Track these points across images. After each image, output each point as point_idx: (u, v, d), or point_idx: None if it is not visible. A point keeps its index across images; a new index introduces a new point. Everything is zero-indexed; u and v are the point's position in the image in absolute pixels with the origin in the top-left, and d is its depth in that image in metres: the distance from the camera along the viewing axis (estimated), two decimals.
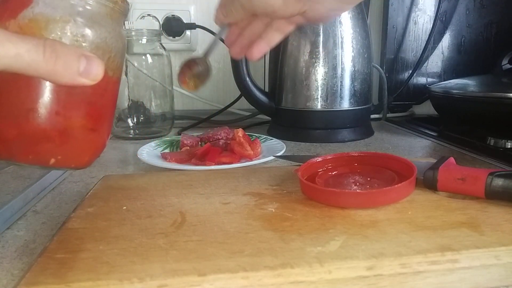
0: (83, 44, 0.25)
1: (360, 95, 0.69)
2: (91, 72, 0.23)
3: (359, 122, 0.71)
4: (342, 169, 0.39)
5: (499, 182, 0.31)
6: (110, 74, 0.27)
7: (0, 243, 0.31)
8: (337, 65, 0.66)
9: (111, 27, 0.27)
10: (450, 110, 0.75)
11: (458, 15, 0.94)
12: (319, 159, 0.39)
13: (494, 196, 0.31)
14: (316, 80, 0.66)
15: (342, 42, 0.66)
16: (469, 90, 0.70)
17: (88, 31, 0.25)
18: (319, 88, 0.66)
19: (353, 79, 0.67)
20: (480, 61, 0.95)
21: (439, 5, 0.88)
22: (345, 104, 0.68)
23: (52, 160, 0.26)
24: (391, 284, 0.23)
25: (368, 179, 0.36)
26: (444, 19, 0.93)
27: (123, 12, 0.28)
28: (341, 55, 0.66)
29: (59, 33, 0.24)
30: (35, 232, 0.33)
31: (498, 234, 0.26)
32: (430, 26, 0.92)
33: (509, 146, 0.59)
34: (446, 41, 0.95)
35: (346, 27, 0.66)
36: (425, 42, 0.91)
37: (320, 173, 0.38)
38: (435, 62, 0.95)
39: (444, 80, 0.91)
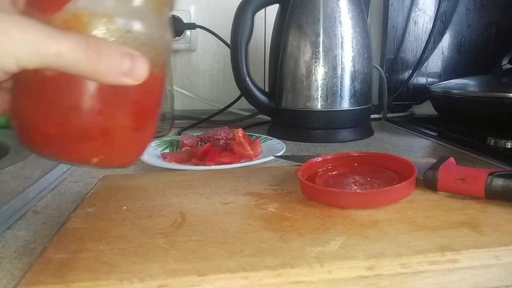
0: (128, 40, 0.24)
1: (360, 95, 0.69)
2: (135, 72, 0.22)
3: (359, 122, 0.71)
4: (342, 169, 0.39)
5: (499, 182, 0.31)
6: (155, 72, 0.25)
7: (0, 243, 0.31)
8: (337, 65, 0.66)
9: (157, 22, 0.26)
10: (450, 110, 0.75)
11: (458, 15, 0.94)
12: (319, 159, 0.39)
13: (494, 196, 0.31)
14: (316, 80, 0.66)
15: (342, 42, 0.66)
16: (469, 90, 0.70)
17: (133, 27, 0.24)
18: (319, 88, 0.66)
19: (353, 79, 0.67)
20: (480, 61, 0.95)
21: (439, 5, 0.88)
22: (345, 104, 0.68)
23: (95, 160, 0.25)
24: (391, 284, 0.23)
25: (368, 179, 0.36)
26: (444, 19, 0.93)
27: (170, 4, 0.27)
28: (341, 55, 0.66)
29: (102, 29, 0.23)
30: (35, 232, 0.33)
31: (498, 234, 0.26)
32: (430, 26, 0.92)
33: (509, 146, 0.59)
34: (446, 41, 0.95)
35: (346, 27, 0.66)
36: (425, 42, 0.91)
37: (320, 173, 0.38)
38: (435, 62, 0.95)
39: (444, 80, 0.91)
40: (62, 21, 0.22)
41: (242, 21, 0.66)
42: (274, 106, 0.71)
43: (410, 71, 0.93)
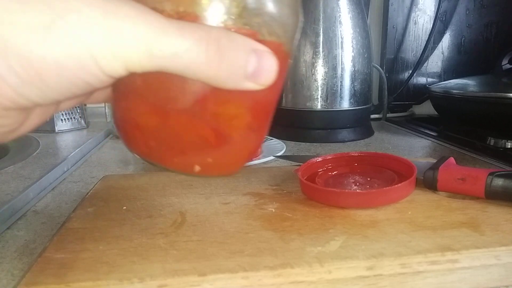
0: (255, 29, 0.19)
1: (360, 95, 0.69)
2: (261, 75, 0.19)
3: (359, 122, 0.71)
4: (342, 169, 0.39)
5: (499, 182, 0.31)
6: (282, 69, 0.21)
7: (0, 243, 0.31)
8: (337, 65, 0.66)
9: (293, 4, 0.21)
10: (450, 110, 0.75)
11: (458, 15, 0.94)
12: (319, 159, 0.39)
13: (494, 196, 0.31)
14: (316, 80, 0.66)
15: (342, 42, 0.66)
16: (469, 90, 0.70)
17: (265, 8, 0.19)
18: (319, 88, 0.66)
19: (353, 79, 0.67)
20: (480, 61, 0.95)
21: (439, 5, 0.88)
22: (345, 104, 0.68)
23: (197, 168, 0.22)
24: (391, 284, 0.23)
25: (368, 179, 0.36)
26: (444, 19, 0.93)
27: None
28: (341, 55, 0.66)
29: (225, 15, 0.18)
30: (35, 232, 0.33)
31: (498, 234, 0.26)
32: (430, 26, 0.92)
33: (509, 146, 0.59)
34: (446, 41, 0.95)
35: (346, 27, 0.66)
36: (425, 42, 0.91)
37: (320, 173, 0.38)
38: (435, 62, 0.95)
39: (444, 80, 0.91)
40: (176, 6, 0.18)
41: None
42: None
43: (410, 71, 0.93)
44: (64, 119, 0.74)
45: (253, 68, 0.18)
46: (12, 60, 0.16)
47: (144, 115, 0.21)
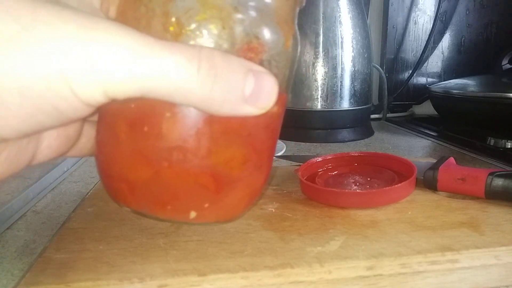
0: (252, 50, 0.18)
1: (360, 95, 0.69)
2: (260, 97, 0.16)
3: (359, 122, 0.71)
4: (342, 169, 0.39)
5: (499, 182, 0.31)
6: (282, 92, 0.19)
7: (0, 243, 0.31)
8: (337, 65, 0.66)
9: (289, 25, 0.19)
10: (450, 110, 0.75)
11: (458, 15, 0.94)
12: (319, 159, 0.39)
13: (494, 196, 0.31)
14: (316, 80, 0.66)
15: (342, 42, 0.66)
16: (469, 90, 0.70)
17: (261, 31, 0.18)
18: (319, 88, 0.66)
19: (353, 79, 0.67)
20: (480, 61, 0.95)
21: (439, 5, 0.88)
22: (345, 104, 0.68)
23: (194, 214, 0.20)
24: (391, 284, 0.23)
25: (368, 179, 0.36)
26: (444, 19, 0.93)
27: (301, 1, 0.20)
28: (341, 55, 0.66)
29: (218, 35, 0.17)
30: (35, 232, 0.33)
31: (498, 234, 0.26)
32: (430, 26, 0.92)
33: (509, 146, 0.59)
34: (446, 41, 0.95)
35: (346, 27, 0.66)
36: (425, 42, 0.91)
37: (320, 173, 0.38)
38: (435, 62, 0.95)
39: (444, 80, 0.91)
40: (164, 21, 0.17)
41: None
42: None
43: (410, 71, 0.93)
44: None
45: (252, 89, 0.16)
46: None
47: (131, 166, 0.19)
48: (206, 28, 0.17)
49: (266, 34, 0.18)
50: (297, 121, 0.69)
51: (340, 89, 0.67)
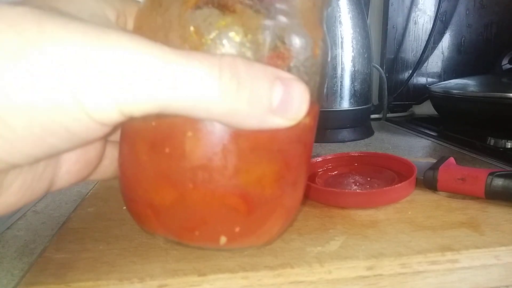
0: (280, 58, 0.16)
1: (360, 95, 0.69)
2: (290, 107, 0.15)
3: (359, 122, 0.71)
4: (342, 169, 0.39)
5: (499, 182, 0.31)
6: (314, 103, 0.18)
7: (0, 243, 0.31)
8: (337, 65, 0.66)
9: (317, 28, 0.19)
10: (450, 110, 0.75)
11: (458, 15, 0.93)
12: (319, 159, 0.39)
13: (494, 196, 0.31)
14: None
15: (342, 42, 0.66)
16: (469, 90, 0.70)
17: (291, 36, 0.17)
18: None
19: (353, 79, 0.67)
20: (480, 61, 0.95)
21: (439, 5, 0.88)
22: (345, 104, 0.68)
23: (224, 239, 0.18)
24: (391, 284, 0.23)
25: (368, 179, 0.36)
26: (444, 19, 0.93)
27: (329, 2, 0.19)
28: (341, 55, 0.66)
29: (243, 41, 0.16)
30: (35, 232, 0.33)
31: (498, 234, 0.26)
32: (430, 26, 0.92)
33: (509, 146, 0.59)
34: (446, 41, 0.95)
35: (346, 27, 0.66)
36: (425, 42, 0.91)
37: (320, 173, 0.38)
38: (435, 62, 0.95)
39: (444, 80, 0.91)
40: (183, 27, 0.16)
41: None
42: None
43: (410, 71, 0.93)
44: None
45: (280, 99, 0.15)
46: None
47: (154, 189, 0.18)
48: (227, 36, 0.15)
49: (293, 38, 0.17)
50: None
51: (340, 89, 0.67)
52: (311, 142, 0.20)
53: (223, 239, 0.18)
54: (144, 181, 0.18)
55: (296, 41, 0.17)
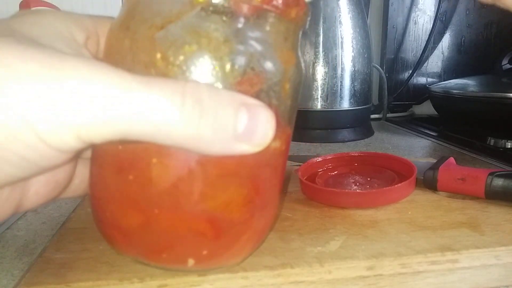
0: (252, 84, 0.16)
1: (360, 95, 0.69)
2: (255, 134, 0.15)
3: (359, 122, 0.71)
4: (342, 169, 0.39)
5: (499, 182, 0.31)
6: (284, 129, 0.18)
7: (0, 243, 0.31)
8: (337, 65, 0.66)
9: (289, 52, 0.18)
10: (450, 110, 0.75)
11: (458, 15, 0.93)
12: (319, 159, 0.39)
13: (494, 196, 0.31)
14: (316, 80, 0.66)
15: (342, 42, 0.66)
16: (469, 90, 0.70)
17: (260, 61, 0.16)
18: (319, 88, 0.66)
19: (353, 79, 0.67)
20: (480, 61, 0.95)
21: (439, 5, 0.88)
22: (345, 104, 0.68)
23: (192, 261, 0.19)
24: (391, 284, 0.23)
25: (368, 179, 0.36)
26: (444, 19, 0.93)
27: (304, 24, 0.19)
28: (341, 55, 0.66)
29: (211, 68, 0.15)
30: (35, 232, 0.33)
31: (498, 234, 0.26)
32: (430, 26, 0.92)
33: (509, 146, 0.59)
34: (446, 41, 0.95)
35: (346, 27, 0.66)
36: (425, 42, 0.91)
37: (320, 173, 0.38)
38: (435, 62, 0.95)
39: (444, 80, 0.91)
40: (147, 59, 0.15)
41: None
42: None
43: (410, 71, 0.93)
44: None
45: (245, 125, 0.14)
46: None
47: (121, 212, 0.18)
48: (194, 62, 0.15)
49: (263, 64, 0.17)
50: (297, 121, 0.68)
51: (340, 89, 0.67)
52: (283, 164, 0.20)
53: (190, 262, 0.19)
54: (111, 203, 0.18)
55: (266, 67, 0.17)
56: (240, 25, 0.16)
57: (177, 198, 0.17)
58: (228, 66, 0.16)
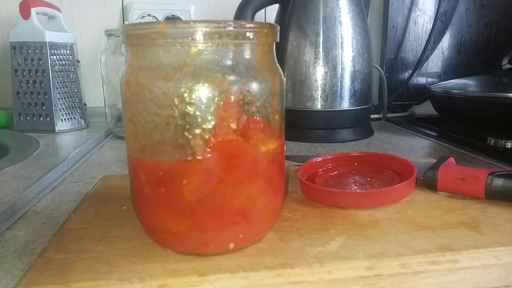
0: (252, 103, 0.22)
1: (360, 95, 0.69)
2: None
3: (359, 122, 0.71)
4: (342, 169, 0.39)
5: (499, 182, 0.31)
6: (279, 131, 0.24)
7: (0, 243, 0.31)
8: (337, 65, 0.66)
9: (273, 68, 0.25)
10: (450, 110, 0.75)
11: (458, 15, 0.93)
12: (319, 159, 0.39)
13: (494, 196, 0.31)
14: (316, 80, 0.66)
15: (342, 42, 0.66)
16: (469, 90, 0.70)
17: (253, 85, 0.22)
18: (319, 88, 0.66)
19: (353, 79, 0.67)
20: (480, 61, 0.95)
21: (439, 5, 0.88)
22: (345, 104, 0.68)
23: (232, 244, 0.24)
24: (391, 284, 0.23)
25: (368, 179, 0.36)
26: (444, 19, 0.93)
27: (276, 38, 0.25)
28: (341, 55, 0.66)
29: (216, 97, 0.21)
30: (35, 232, 0.33)
31: (498, 234, 0.26)
32: (430, 26, 0.92)
33: (509, 146, 0.59)
34: (446, 41, 0.95)
35: (346, 27, 0.66)
36: (425, 42, 0.91)
37: (320, 173, 0.38)
38: (435, 62, 0.95)
39: (444, 80, 0.91)
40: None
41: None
42: None
43: (410, 71, 0.93)
44: (64, 119, 0.74)
45: None
46: None
47: (171, 221, 0.23)
48: (205, 96, 0.21)
49: (256, 85, 0.22)
50: (297, 121, 0.69)
51: (340, 89, 0.67)
52: (283, 158, 0.26)
53: (231, 245, 0.24)
54: (162, 214, 0.23)
55: (260, 86, 0.22)
56: (229, 62, 0.22)
57: (214, 203, 0.22)
58: (230, 93, 0.21)
